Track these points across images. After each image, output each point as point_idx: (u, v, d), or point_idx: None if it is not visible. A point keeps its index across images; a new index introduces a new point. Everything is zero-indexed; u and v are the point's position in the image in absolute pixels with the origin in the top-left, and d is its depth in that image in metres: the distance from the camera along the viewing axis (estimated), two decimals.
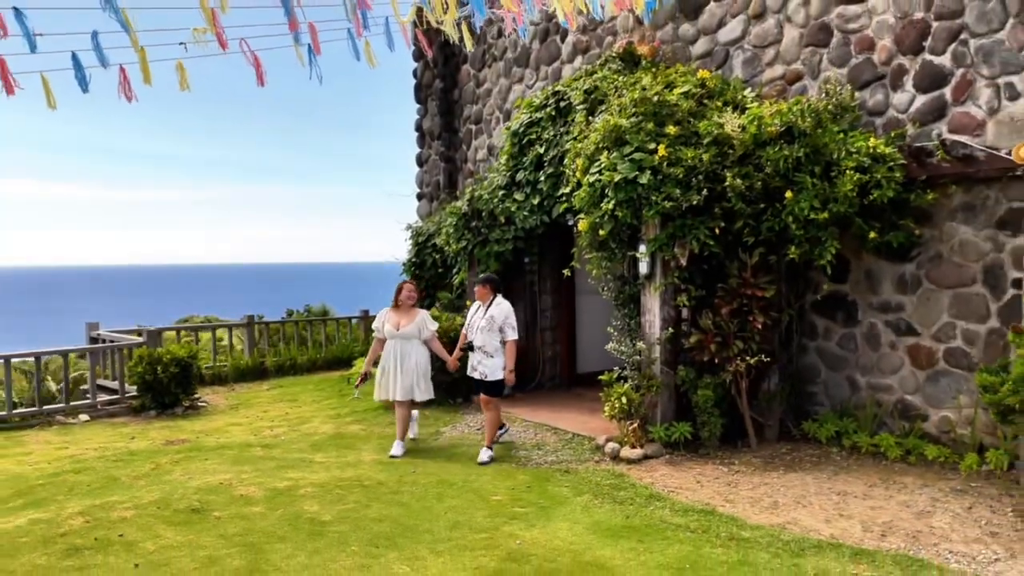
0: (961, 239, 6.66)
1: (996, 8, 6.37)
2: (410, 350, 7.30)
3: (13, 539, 4.97)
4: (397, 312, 7.41)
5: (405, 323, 7.31)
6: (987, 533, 4.88)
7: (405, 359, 7.26)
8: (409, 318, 7.36)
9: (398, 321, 7.33)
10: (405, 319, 7.35)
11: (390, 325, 7.33)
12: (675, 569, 4.30)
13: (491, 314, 7.10)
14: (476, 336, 7.09)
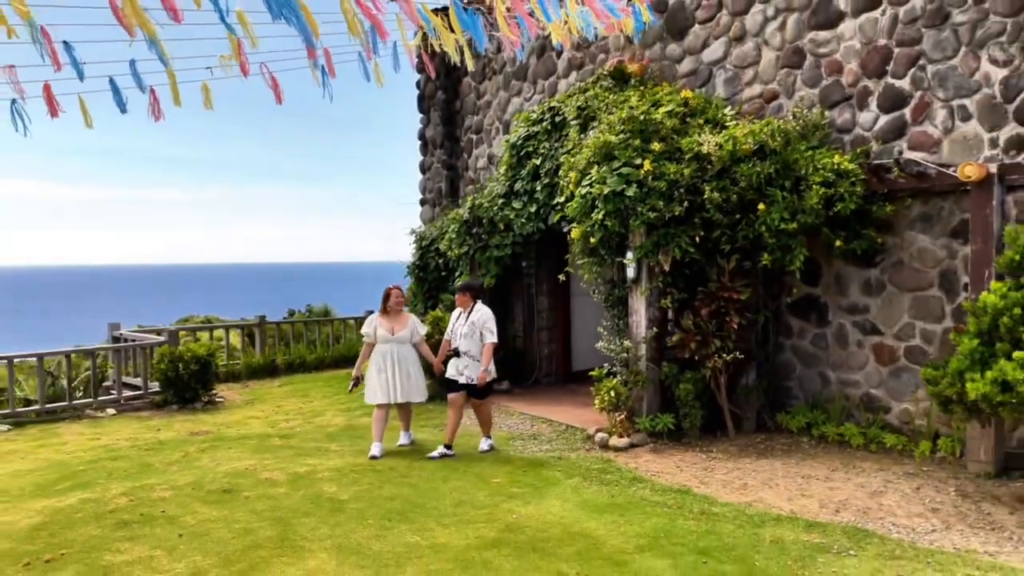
0: (919, 247, 7.30)
1: (950, 37, 7.01)
2: (406, 354, 7.43)
3: (68, 515, 5.61)
4: (388, 317, 7.47)
5: (399, 328, 7.42)
6: (929, 509, 5.53)
7: (402, 363, 7.36)
8: (401, 323, 7.48)
9: (391, 326, 7.42)
10: (397, 324, 7.45)
11: (383, 330, 7.40)
12: (651, 537, 4.95)
13: (472, 320, 7.28)
14: (460, 342, 7.24)
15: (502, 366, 10.90)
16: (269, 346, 14.04)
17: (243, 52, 6.68)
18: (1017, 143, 6.57)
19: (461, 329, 7.31)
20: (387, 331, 7.40)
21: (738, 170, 7.16)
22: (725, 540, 4.88)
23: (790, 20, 8.30)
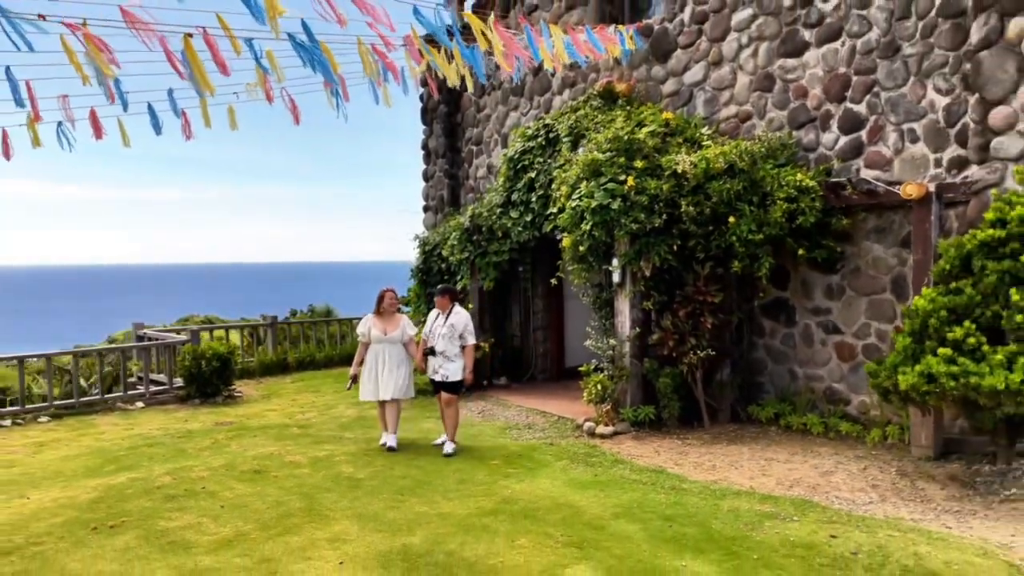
0: (874, 255, 8.13)
1: (900, 68, 7.84)
2: (396, 353, 7.78)
3: (121, 491, 6.44)
4: (381, 318, 7.84)
5: (391, 328, 7.79)
6: (870, 486, 6.36)
7: (392, 362, 7.72)
8: (394, 324, 7.85)
9: (384, 327, 7.78)
10: (390, 325, 7.82)
11: (377, 331, 7.76)
12: (626, 507, 5.77)
13: (451, 322, 7.64)
14: (438, 342, 7.60)
15: (501, 363, 11.80)
16: (281, 344, 14.86)
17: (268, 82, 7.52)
18: (958, 163, 7.39)
19: (440, 330, 7.65)
20: (380, 331, 7.77)
21: (711, 186, 7.98)
22: (689, 509, 5.71)
23: (761, 48, 9.12)
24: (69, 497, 6.30)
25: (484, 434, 8.58)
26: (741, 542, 5.04)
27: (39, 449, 8.30)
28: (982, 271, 6.05)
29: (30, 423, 9.62)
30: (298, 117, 8.48)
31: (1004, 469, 6.39)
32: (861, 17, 8.13)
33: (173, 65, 5.44)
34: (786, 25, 8.85)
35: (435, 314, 7.88)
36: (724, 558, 4.78)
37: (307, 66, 5.75)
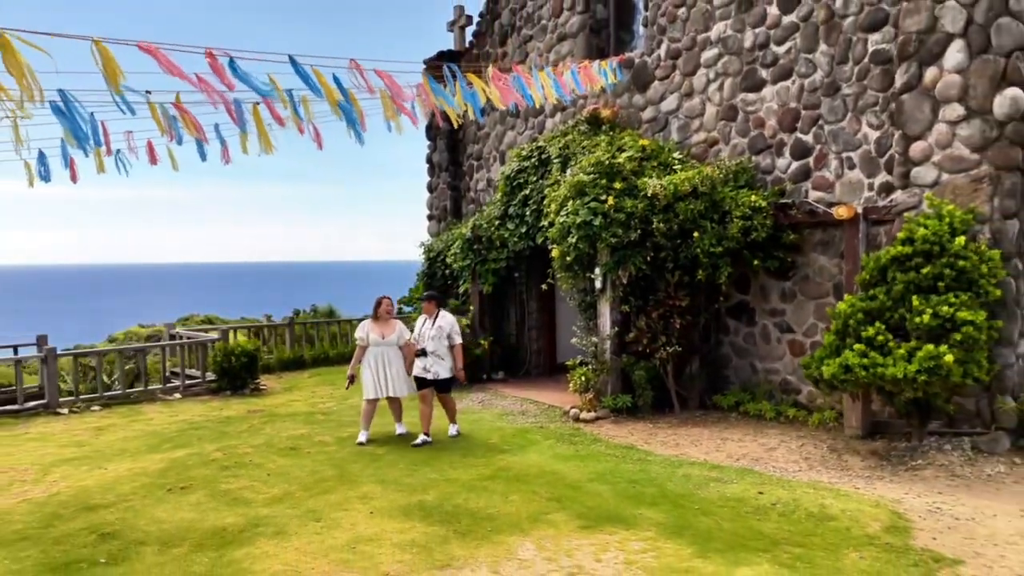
0: (819, 264, 9.44)
1: (840, 105, 9.15)
2: (394, 355, 8.47)
3: (182, 462, 7.75)
4: (379, 323, 8.52)
5: (388, 332, 8.47)
6: (803, 458, 7.68)
7: (391, 363, 8.43)
8: (390, 328, 8.53)
9: (382, 331, 8.45)
10: (387, 329, 8.49)
11: (375, 334, 8.43)
12: (599, 474, 7.08)
13: (439, 325, 8.41)
14: (428, 344, 8.30)
15: (499, 359, 13.11)
16: (298, 343, 16.16)
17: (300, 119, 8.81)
18: (886, 188, 8.70)
19: (429, 332, 8.36)
20: (378, 335, 8.44)
21: (678, 206, 9.29)
22: (651, 475, 7.03)
23: (727, 83, 10.43)
24: (140, 468, 7.61)
25: (484, 419, 9.89)
26: (688, 498, 6.36)
27: (100, 432, 9.61)
28: (893, 281, 7.37)
29: (84, 411, 10.94)
30: (321, 143, 9.78)
31: (915, 445, 7.71)
32: (808, 60, 9.44)
33: (234, 120, 6.72)
34: (747, 64, 10.16)
35: (423, 319, 8.61)
36: (672, 508, 6.09)
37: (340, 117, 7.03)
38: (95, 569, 5.08)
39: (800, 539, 5.45)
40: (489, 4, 14.82)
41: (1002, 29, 7.66)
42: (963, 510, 6.07)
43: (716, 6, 10.50)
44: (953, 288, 7.06)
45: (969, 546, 5.36)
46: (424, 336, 8.39)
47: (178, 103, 6.30)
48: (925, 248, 7.28)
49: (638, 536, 5.52)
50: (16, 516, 6.19)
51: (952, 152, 8.01)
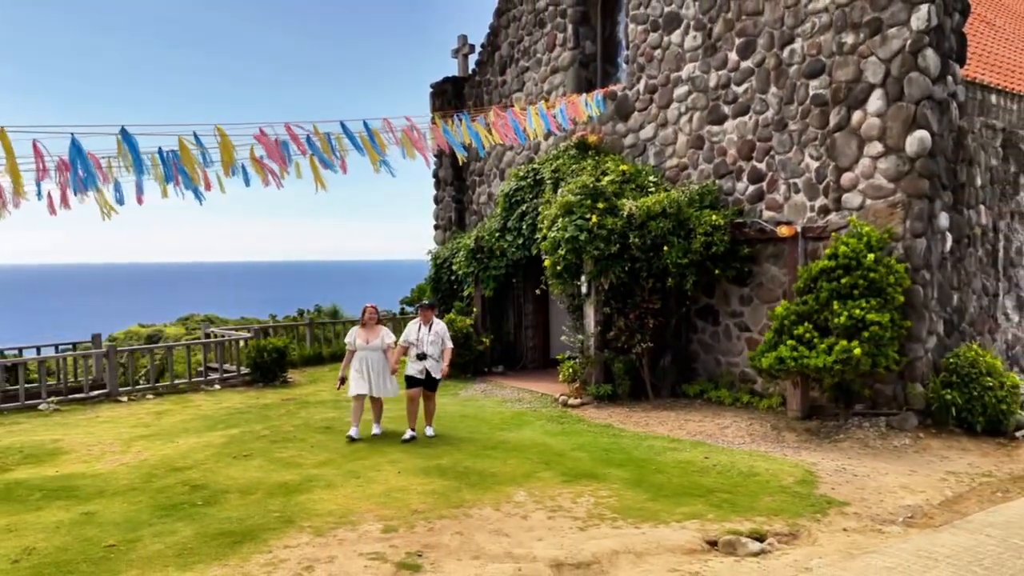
0: (771, 274, 11.11)
1: (787, 139, 10.82)
2: (377, 358, 9.23)
3: (239, 438, 9.42)
4: (365, 330, 9.35)
5: (373, 338, 9.29)
6: (748, 434, 9.36)
7: (375, 365, 9.22)
8: (375, 334, 9.32)
9: (367, 337, 9.26)
10: (372, 335, 9.30)
11: (361, 340, 9.26)
12: (580, 445, 8.76)
13: (436, 330, 9.26)
14: (427, 348, 9.11)
15: (499, 354, 14.78)
16: (316, 340, 17.82)
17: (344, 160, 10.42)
18: (824, 210, 10.37)
19: (428, 337, 9.20)
20: (364, 341, 9.28)
21: (650, 224, 10.96)
22: (621, 446, 8.71)
23: (695, 116, 12.11)
24: (205, 442, 9.28)
25: (486, 405, 11.57)
26: (648, 461, 8.04)
27: (160, 416, 11.28)
28: (820, 289, 9.05)
29: (140, 399, 12.61)
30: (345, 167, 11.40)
31: (841, 424, 9.39)
32: (762, 99, 11.12)
33: (284, 168, 8.37)
34: (712, 100, 11.84)
35: (417, 325, 9.37)
36: (634, 468, 7.77)
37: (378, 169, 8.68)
38: (195, 509, 6.75)
39: (730, 488, 7.13)
40: (490, 37, 16.49)
41: (912, 82, 9.34)
42: (863, 470, 7.76)
43: (686, 49, 12.18)
44: (865, 295, 8.74)
45: (858, 494, 7.05)
46: (423, 341, 9.19)
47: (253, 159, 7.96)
48: (845, 262, 8.96)
49: (606, 487, 7.20)
50: (120, 476, 7.87)
51: (874, 182, 9.70)
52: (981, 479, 7.56)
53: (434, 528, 6.13)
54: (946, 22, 9.40)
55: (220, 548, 5.75)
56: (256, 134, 7.71)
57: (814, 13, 10.36)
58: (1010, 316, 11.38)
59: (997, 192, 10.94)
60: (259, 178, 7.64)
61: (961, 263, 10.15)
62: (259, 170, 7.57)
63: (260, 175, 7.59)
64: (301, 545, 5.81)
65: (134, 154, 6.60)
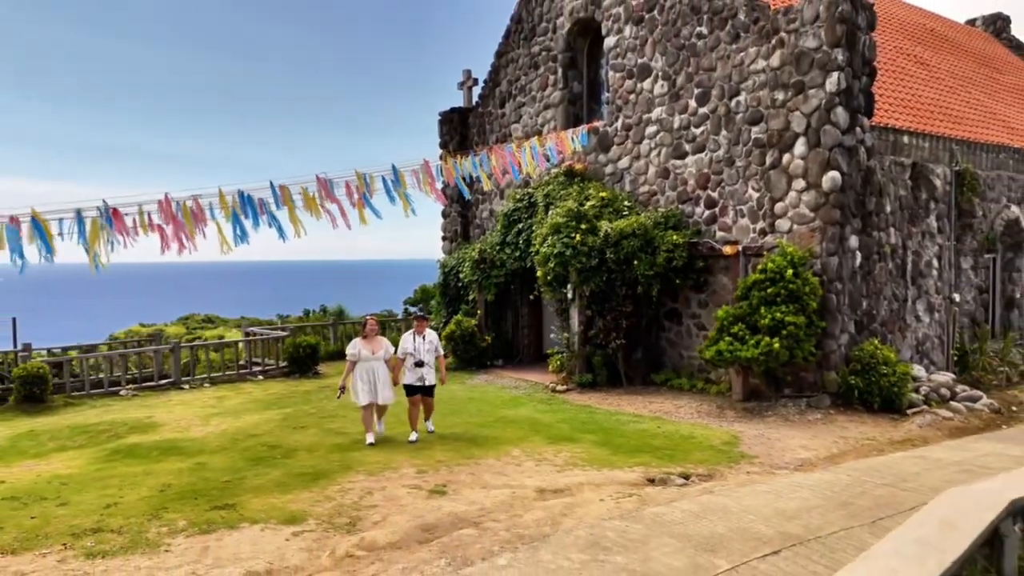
0: (722, 283, 13.55)
1: (735, 172, 13.26)
2: (380, 368, 9.84)
3: (293, 415, 11.85)
4: (368, 341, 9.90)
5: (376, 349, 9.87)
6: (697, 412, 11.79)
7: (379, 374, 9.83)
8: (378, 345, 9.92)
9: (371, 348, 9.82)
10: (375, 345, 9.88)
11: (365, 351, 9.78)
12: (563, 419, 11.20)
13: (430, 339, 10.09)
14: (425, 356, 9.93)
15: (499, 350, 17.21)
16: (340, 338, 20.26)
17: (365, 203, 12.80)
18: (762, 232, 12.80)
19: (424, 346, 10.00)
20: (369, 351, 9.82)
21: (623, 243, 13.41)
22: (595, 419, 11.16)
23: (663, 151, 14.56)
24: (267, 418, 11.73)
25: (488, 391, 14.01)
26: (614, 430, 10.49)
27: (221, 400, 13.73)
28: (752, 296, 11.49)
29: (199, 387, 15.05)
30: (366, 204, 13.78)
31: (771, 404, 11.83)
32: (715, 140, 13.56)
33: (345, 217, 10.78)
34: (676, 139, 14.28)
35: (411, 335, 10.09)
36: (603, 434, 10.22)
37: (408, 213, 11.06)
38: (277, 460, 9.19)
39: (671, 447, 9.59)
40: (491, 74, 18.93)
41: (826, 132, 11.78)
42: (776, 436, 10.21)
43: (655, 95, 14.63)
44: (785, 302, 11.18)
45: (767, 451, 9.49)
46: (420, 350, 9.99)
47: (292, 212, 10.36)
48: (771, 275, 11.41)
49: (580, 447, 9.65)
50: (211, 440, 10.32)
51: (799, 211, 12.14)
52: (864, 442, 10.00)
53: (453, 471, 8.57)
54: (855, 84, 11.83)
55: (303, 482, 8.19)
56: (321, 178, 10.14)
57: (754, 73, 12.81)
58: (921, 318, 13.85)
59: (906, 216, 13.40)
60: (327, 220, 10.03)
61: (870, 275, 12.60)
62: (316, 211, 9.99)
63: (316, 215, 10.01)
64: (359, 481, 8.25)
65: (245, 203, 8.94)
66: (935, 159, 14.02)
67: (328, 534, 6.58)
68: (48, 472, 8.97)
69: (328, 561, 5.99)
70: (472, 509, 7.14)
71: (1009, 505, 4.45)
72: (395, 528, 6.65)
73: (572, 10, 16.49)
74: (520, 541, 6.15)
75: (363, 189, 10.73)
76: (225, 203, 9.12)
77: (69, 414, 12.38)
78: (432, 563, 5.76)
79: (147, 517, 7.10)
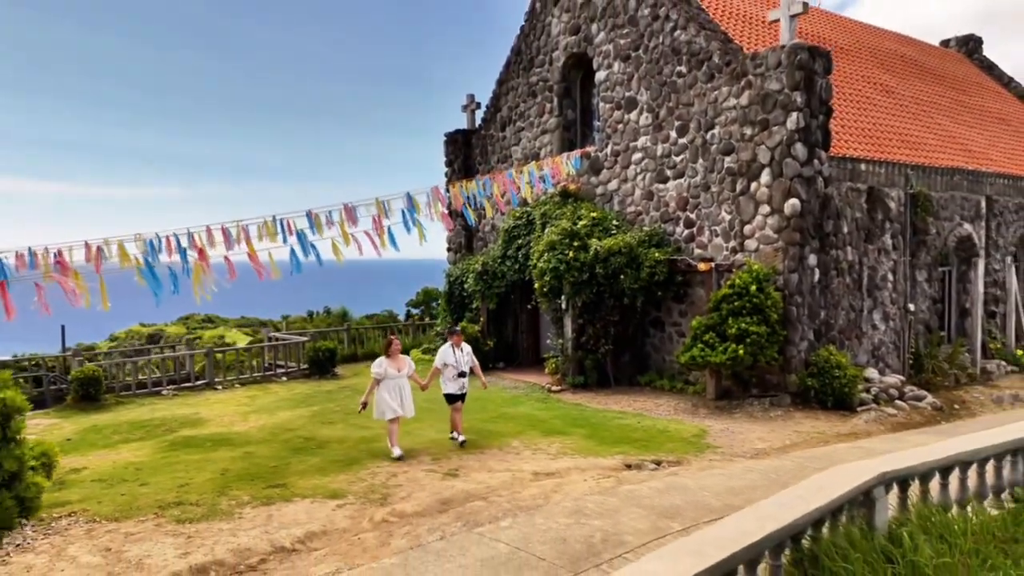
0: (699, 295, 15.21)
1: (710, 197, 14.93)
2: (405, 384, 10.58)
3: (320, 412, 13.51)
4: (392, 360, 10.52)
5: (401, 367, 10.54)
6: (674, 409, 13.46)
7: (405, 390, 10.56)
8: (401, 363, 10.60)
9: (396, 366, 10.46)
10: (400, 363, 10.54)
11: (392, 369, 10.39)
12: (556, 415, 12.87)
13: (467, 351, 11.19)
14: (465, 368, 11.01)
15: (501, 354, 18.89)
16: (353, 343, 21.93)
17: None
18: (734, 250, 14.46)
19: (463, 358, 11.07)
20: (395, 370, 10.49)
21: (611, 260, 15.07)
22: (584, 415, 12.83)
23: (647, 176, 16.23)
24: (298, 414, 13.39)
25: (491, 392, 15.60)
26: (600, 425, 12.15)
27: (253, 399, 15.40)
28: (721, 308, 13.16)
29: (231, 387, 16.72)
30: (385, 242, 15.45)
31: (739, 403, 13.50)
32: (693, 168, 15.23)
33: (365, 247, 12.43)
34: (658, 165, 15.95)
35: (449, 348, 11.10)
36: (591, 429, 11.88)
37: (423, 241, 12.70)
38: (313, 450, 10.85)
39: (648, 439, 11.25)
40: (493, 100, 20.60)
41: (788, 164, 13.44)
42: (739, 429, 11.88)
43: (640, 126, 16.30)
44: (750, 313, 12.85)
45: (729, 442, 11.16)
46: (460, 362, 11.07)
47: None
48: (738, 290, 13.07)
49: (570, 439, 11.31)
50: (254, 433, 11.99)
51: (764, 232, 13.81)
52: (815, 435, 11.67)
53: (463, 459, 10.24)
54: (812, 123, 13.49)
55: (339, 467, 9.86)
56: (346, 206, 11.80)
57: (727, 109, 14.48)
58: (877, 326, 15.52)
59: (863, 235, 15.07)
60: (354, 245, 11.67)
61: (828, 289, 14.28)
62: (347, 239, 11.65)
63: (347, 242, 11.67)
64: (385, 466, 9.91)
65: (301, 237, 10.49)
66: (891, 183, 15.69)
67: (365, 506, 8.25)
68: (122, 460, 10.63)
69: (368, 525, 7.66)
70: (480, 487, 8.81)
71: (879, 475, 6.11)
72: (418, 501, 8.32)
73: (567, 45, 18.16)
74: (519, 510, 7.81)
75: (382, 216, 12.39)
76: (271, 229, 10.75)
77: (123, 411, 14.04)
78: (450, 525, 7.42)
79: (216, 493, 8.76)
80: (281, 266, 9.98)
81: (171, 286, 8.58)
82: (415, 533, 7.26)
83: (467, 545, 6.76)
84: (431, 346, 20.30)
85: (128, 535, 7.47)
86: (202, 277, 8.64)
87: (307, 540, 7.23)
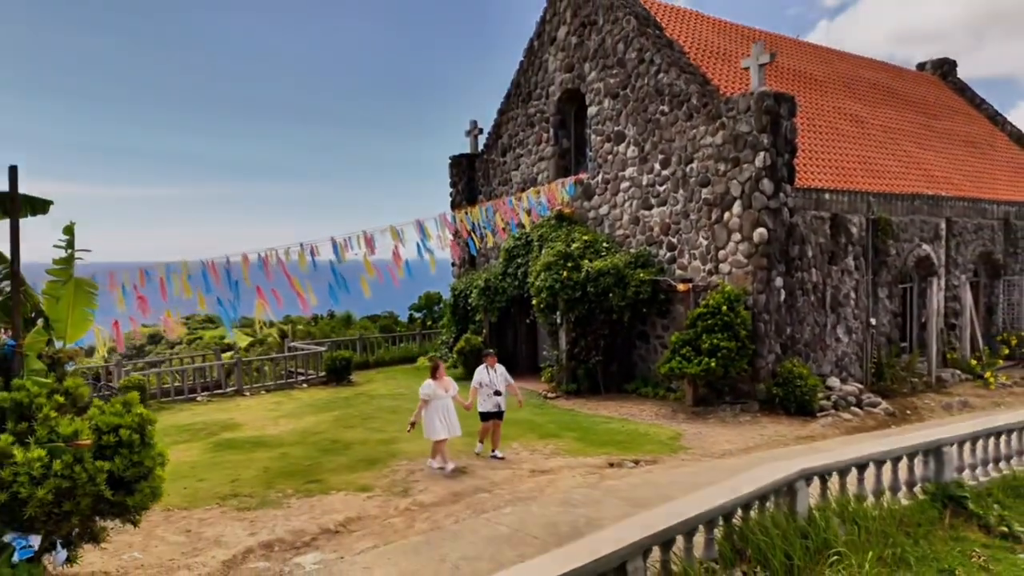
0: (680, 311, 16.91)
1: (689, 224, 16.65)
2: (451, 405, 11.28)
3: (341, 417, 15.22)
4: (439, 382, 11.24)
5: (448, 388, 11.29)
6: (655, 414, 15.18)
7: (450, 411, 11.24)
8: (448, 384, 11.36)
9: (443, 388, 11.20)
10: (446, 385, 11.34)
11: (439, 391, 11.10)
12: (551, 420, 14.58)
13: (501, 372, 12.02)
14: (501, 387, 11.83)
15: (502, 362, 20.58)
16: (366, 351, 23.64)
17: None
18: (710, 272, 16.18)
19: (498, 379, 11.91)
20: (442, 391, 11.22)
21: (600, 279, 16.79)
22: (576, 420, 14.55)
23: (634, 203, 17.95)
24: (321, 419, 15.11)
25: None
26: (589, 428, 13.87)
27: (279, 404, 17.10)
28: (697, 325, 14.88)
29: (256, 394, 18.43)
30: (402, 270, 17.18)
31: (713, 409, 15.21)
32: (675, 197, 16.95)
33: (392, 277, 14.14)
34: (644, 194, 17.67)
35: (484, 368, 11.99)
36: (581, 432, 13.60)
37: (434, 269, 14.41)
38: (340, 451, 12.56)
39: (630, 440, 12.97)
40: (494, 128, 22.33)
41: (756, 198, 15.16)
42: (710, 432, 13.59)
43: (628, 158, 18.03)
44: (721, 330, 14.57)
45: (701, 444, 12.87)
46: (495, 382, 11.91)
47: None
48: (712, 309, 14.79)
49: (563, 440, 13.03)
50: (285, 436, 13.70)
51: (736, 257, 15.54)
52: (776, 438, 13.39)
53: (471, 459, 11.95)
54: (778, 160, 15.21)
55: (364, 465, 11.57)
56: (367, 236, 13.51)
57: (704, 146, 16.20)
58: (840, 339, 17.25)
59: (827, 258, 16.80)
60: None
61: (794, 307, 16.00)
62: (370, 270, 13.35)
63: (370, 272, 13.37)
64: (404, 465, 11.62)
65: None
66: (853, 210, 17.42)
67: (390, 498, 9.96)
68: (175, 460, 12.30)
69: (395, 512, 9.38)
70: (485, 482, 10.53)
71: (800, 471, 7.82)
72: (435, 494, 10.04)
73: (562, 82, 19.88)
74: (518, 500, 9.54)
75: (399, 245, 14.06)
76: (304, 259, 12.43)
77: (166, 416, 15.72)
78: (462, 512, 9.14)
79: (264, 487, 10.48)
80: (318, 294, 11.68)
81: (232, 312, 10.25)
82: (434, 518, 8.98)
83: (476, 527, 8.49)
84: (437, 354, 22.04)
85: (201, 520, 9.19)
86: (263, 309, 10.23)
87: (347, 524, 8.94)
